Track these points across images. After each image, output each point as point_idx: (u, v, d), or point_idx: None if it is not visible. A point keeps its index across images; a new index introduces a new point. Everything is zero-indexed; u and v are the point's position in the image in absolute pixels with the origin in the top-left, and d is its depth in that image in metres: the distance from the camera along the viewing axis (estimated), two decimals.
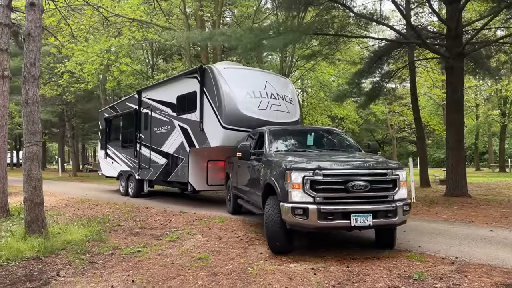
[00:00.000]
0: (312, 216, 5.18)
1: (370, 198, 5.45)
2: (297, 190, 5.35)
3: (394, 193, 5.56)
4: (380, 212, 5.39)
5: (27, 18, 6.59)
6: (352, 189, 5.30)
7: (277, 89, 10.54)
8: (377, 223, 5.37)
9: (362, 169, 5.52)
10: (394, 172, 5.62)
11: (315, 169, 5.35)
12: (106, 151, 16.90)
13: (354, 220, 5.23)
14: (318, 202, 5.27)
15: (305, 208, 5.22)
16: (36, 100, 6.61)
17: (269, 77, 11.12)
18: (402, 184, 5.67)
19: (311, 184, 5.31)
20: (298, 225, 5.36)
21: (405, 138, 49.82)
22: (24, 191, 6.61)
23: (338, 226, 5.38)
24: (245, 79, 10.38)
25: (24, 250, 5.91)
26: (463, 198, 12.14)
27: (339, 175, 5.39)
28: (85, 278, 4.89)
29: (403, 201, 5.57)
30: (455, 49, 12.02)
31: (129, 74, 24.45)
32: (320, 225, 5.21)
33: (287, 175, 5.44)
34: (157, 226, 8.40)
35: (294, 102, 11.04)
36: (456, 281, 4.64)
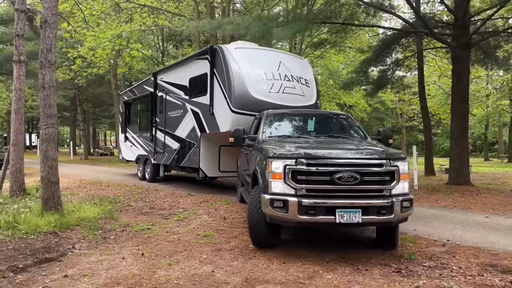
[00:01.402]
0: (292, 210, 4.64)
1: (361, 191, 4.80)
2: (277, 181, 4.81)
3: (391, 187, 4.84)
4: (372, 208, 4.73)
5: (44, 5, 6.89)
6: (338, 181, 4.66)
7: (292, 70, 9.89)
8: (367, 221, 4.74)
9: (352, 159, 4.87)
10: (393, 163, 4.89)
11: (298, 158, 4.79)
12: (126, 134, 16.87)
13: (339, 216, 4.62)
14: (300, 194, 4.71)
15: (284, 200, 4.68)
16: (52, 84, 6.96)
17: (284, 57, 10.42)
18: (402, 177, 4.93)
19: (293, 174, 4.75)
20: (278, 219, 4.83)
21: (414, 127, 49.74)
22: (41, 170, 7.01)
23: (321, 222, 4.76)
24: (257, 60, 9.79)
25: (41, 225, 6.32)
26: (465, 186, 12.35)
27: (324, 165, 4.75)
28: (99, 251, 5.28)
29: (403, 197, 4.85)
30: (462, 39, 12.10)
31: (139, 60, 24.75)
32: (300, 220, 4.66)
33: (268, 163, 4.93)
34: (165, 206, 8.80)
35: (310, 85, 10.30)
36: (444, 261, 4.94)
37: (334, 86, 27.62)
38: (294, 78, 9.80)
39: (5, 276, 4.27)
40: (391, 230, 5.29)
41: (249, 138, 6.83)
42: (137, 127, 15.56)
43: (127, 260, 4.84)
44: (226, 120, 9.38)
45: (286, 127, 7.07)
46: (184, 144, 11.53)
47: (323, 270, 4.51)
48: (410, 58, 17.78)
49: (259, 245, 5.36)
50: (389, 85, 18.83)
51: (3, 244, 5.47)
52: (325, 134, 6.76)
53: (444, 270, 4.61)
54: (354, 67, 25.30)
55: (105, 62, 22.35)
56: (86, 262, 4.78)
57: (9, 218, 6.42)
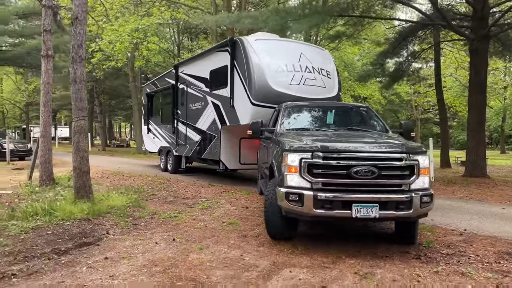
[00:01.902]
0: (308, 204, 4.60)
1: (378, 186, 4.69)
2: (293, 174, 4.78)
3: (411, 182, 4.71)
4: (390, 203, 4.62)
5: (75, 3, 7.20)
6: (355, 175, 4.59)
7: (313, 62, 9.78)
8: (384, 216, 4.65)
9: (369, 152, 4.75)
10: (412, 157, 4.75)
11: (314, 151, 4.74)
12: (148, 126, 17.03)
13: (356, 210, 4.56)
14: (316, 188, 4.67)
15: (300, 194, 4.65)
16: (83, 78, 7.28)
17: (305, 48, 10.31)
18: (422, 172, 4.79)
19: (309, 167, 4.71)
20: (293, 212, 4.80)
21: (429, 119, 49.28)
22: (73, 160, 7.37)
23: (337, 216, 4.69)
24: (277, 52, 9.72)
25: (75, 212, 6.69)
26: (481, 178, 12.42)
27: (341, 159, 4.67)
28: (132, 236, 5.61)
29: (422, 192, 4.71)
30: (480, 31, 12.08)
31: (156, 53, 25.07)
32: (316, 214, 4.61)
33: (284, 156, 4.91)
34: (188, 196, 9.13)
35: (332, 76, 10.19)
36: (461, 249, 5.14)
37: (349, 78, 27.60)
38: (315, 70, 9.70)
39: (50, 258, 4.62)
40: (410, 224, 5.15)
41: (267, 131, 6.83)
42: (160, 119, 15.70)
43: (160, 245, 5.16)
44: (246, 113, 9.39)
45: (305, 120, 7.00)
46: (205, 136, 11.61)
47: (346, 256, 4.76)
48: (427, 50, 17.73)
49: (275, 238, 5.38)
50: (405, 77, 18.83)
51: (42, 230, 5.84)
52: (344, 126, 6.61)
53: (462, 257, 4.81)
54: (369, 58, 25.27)
55: (123, 55, 22.74)
56: (122, 246, 5.11)
57: (45, 206, 6.79)
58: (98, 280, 3.91)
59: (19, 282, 3.88)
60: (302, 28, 12.22)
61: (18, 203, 7.62)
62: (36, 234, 5.62)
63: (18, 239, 5.32)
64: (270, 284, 3.88)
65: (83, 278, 3.97)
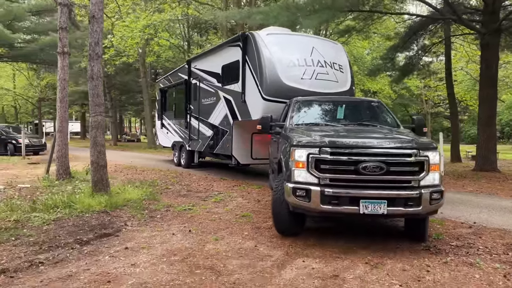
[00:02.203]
0: (315, 199, 4.60)
1: (387, 182, 4.63)
2: (300, 169, 4.77)
3: (420, 178, 4.65)
4: (398, 200, 4.58)
5: (91, 2, 7.38)
6: (363, 171, 4.55)
7: (325, 56, 9.73)
8: (393, 212, 4.61)
9: (378, 148, 4.69)
10: (422, 153, 4.68)
11: (322, 147, 4.71)
12: (162, 121, 17.09)
13: (363, 206, 4.53)
14: (323, 184, 4.66)
15: (307, 189, 4.65)
16: (100, 75, 7.49)
17: (317, 42, 10.22)
18: (433, 168, 4.72)
19: (316, 163, 4.70)
20: (301, 208, 4.81)
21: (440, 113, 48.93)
22: (90, 155, 7.61)
23: (344, 212, 4.68)
24: (289, 46, 9.68)
25: (93, 205, 6.92)
26: (492, 173, 12.46)
27: (348, 154, 4.64)
28: (149, 228, 5.82)
29: (432, 188, 4.65)
30: (491, 25, 12.06)
31: (167, 48, 25.27)
32: (323, 209, 4.61)
33: (292, 151, 4.90)
34: (201, 189, 9.33)
35: (344, 70, 10.12)
36: (470, 241, 5.26)
37: (359, 72, 27.56)
38: (328, 64, 9.66)
39: (73, 248, 4.84)
40: (420, 221, 5.09)
41: (276, 126, 6.78)
42: (173, 114, 15.80)
43: (177, 236, 5.36)
44: (258, 108, 9.37)
45: (315, 115, 6.95)
46: (217, 131, 11.68)
47: (357, 247, 4.91)
48: (437, 44, 17.68)
49: (283, 233, 5.38)
50: (415, 71, 18.79)
51: (63, 221, 6.08)
52: (355, 121, 6.49)
53: (471, 249, 4.94)
54: (379, 52, 25.23)
55: (134, 51, 22.99)
56: (141, 237, 5.32)
57: (65, 199, 7.04)
58: (120, 268, 4.11)
59: (46, 270, 4.10)
60: (313, 24, 12.29)
61: (38, 196, 7.88)
62: (57, 225, 5.85)
63: (41, 230, 5.55)
64: (284, 272, 4.05)
65: (107, 266, 4.18)
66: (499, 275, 4.03)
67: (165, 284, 3.69)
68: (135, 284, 3.69)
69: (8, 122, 54.24)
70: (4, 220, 5.97)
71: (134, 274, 3.95)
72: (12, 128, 22.73)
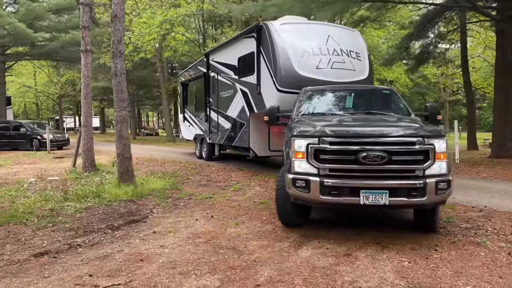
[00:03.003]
0: (314, 190, 4.51)
1: (389, 172, 4.49)
2: (300, 160, 4.69)
3: (425, 167, 4.47)
4: (401, 190, 4.44)
5: (114, 2, 7.77)
6: (363, 160, 4.42)
7: (341, 44, 9.52)
8: (395, 203, 4.45)
9: (379, 137, 4.54)
10: (427, 141, 4.51)
11: (321, 136, 4.61)
12: (184, 114, 17.16)
13: (364, 197, 4.41)
14: (323, 174, 4.56)
15: (306, 180, 4.57)
16: (123, 72, 7.90)
17: (333, 30, 9.99)
18: (439, 156, 4.53)
19: (316, 153, 4.60)
20: (301, 199, 4.74)
21: (458, 101, 48.27)
22: (116, 147, 8.06)
23: (344, 203, 4.58)
24: (303, 35, 9.48)
25: (120, 195, 7.36)
26: (508, 159, 12.49)
27: (348, 144, 4.52)
28: (174, 214, 6.23)
29: (438, 177, 4.47)
30: (506, 12, 12.01)
31: (183, 43, 25.67)
32: (322, 200, 4.52)
33: (292, 142, 4.83)
34: (220, 179, 9.72)
35: (362, 58, 9.85)
36: (480, 223, 5.49)
37: (374, 62, 27.42)
38: (344, 52, 9.46)
39: (106, 232, 5.27)
40: (429, 211, 4.90)
41: (283, 117, 6.64)
42: (194, 107, 15.88)
43: (200, 221, 5.75)
44: (273, 99, 9.17)
45: (323, 104, 6.74)
46: (235, 124, 11.69)
47: (370, 231, 5.19)
48: (452, 32, 17.59)
49: (287, 225, 5.37)
50: (431, 59, 18.73)
51: (94, 210, 6.52)
52: (364, 110, 6.29)
53: (479, 230, 5.17)
54: (394, 41, 25.10)
55: (151, 47, 23.45)
56: (167, 222, 5.72)
57: (94, 189, 7.51)
58: (151, 249, 4.51)
59: (84, 251, 4.52)
60: (327, 15, 12.39)
61: (68, 187, 8.39)
62: (89, 213, 6.30)
63: (74, 218, 6.00)
64: (301, 251, 4.38)
65: (138, 247, 4.59)
66: (503, 253, 4.28)
67: (192, 262, 4.06)
68: (165, 262, 4.08)
69: (30, 118, 55.80)
70: (40, 209, 6.45)
71: (163, 254, 4.34)
72: (36, 124, 23.56)
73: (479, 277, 3.67)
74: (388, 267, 3.92)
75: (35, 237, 5.06)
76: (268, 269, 3.87)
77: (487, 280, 3.60)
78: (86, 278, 3.69)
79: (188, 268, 3.91)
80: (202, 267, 3.92)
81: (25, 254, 4.39)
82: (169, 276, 3.72)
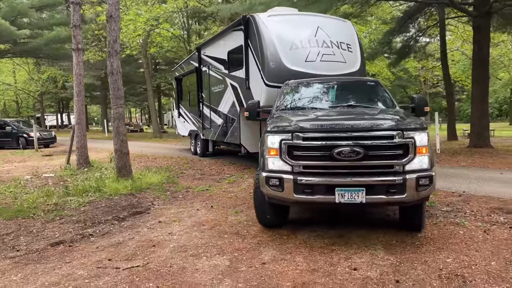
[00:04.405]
0: (288, 188, 4.28)
1: (366, 168, 4.25)
2: (273, 157, 4.45)
3: (405, 162, 4.20)
4: (378, 187, 4.19)
5: (109, 2, 8.00)
6: (338, 156, 4.16)
7: (331, 35, 9.17)
8: (373, 201, 4.21)
9: (354, 131, 4.28)
10: (407, 135, 4.24)
11: (294, 132, 4.37)
12: (179, 110, 16.93)
13: (339, 195, 4.17)
14: (297, 172, 4.33)
15: (280, 178, 4.33)
16: (119, 70, 8.15)
17: (323, 21, 9.60)
18: (420, 151, 4.26)
19: (289, 149, 4.37)
20: (275, 198, 4.50)
21: (438, 93, 49.50)
22: (114, 143, 8.32)
23: (319, 202, 4.37)
24: (292, 27, 9.16)
25: (120, 189, 7.65)
26: (485, 149, 13.18)
27: (322, 139, 4.28)
28: (174, 206, 6.56)
29: (420, 173, 4.20)
30: (482, 8, 12.63)
31: (168, 39, 25.73)
32: (297, 199, 4.30)
33: (265, 138, 4.58)
34: (214, 173, 10.07)
35: (353, 49, 9.51)
36: (459, 207, 6.00)
37: None
38: (334, 44, 9.13)
39: (113, 223, 5.59)
40: (414, 209, 4.65)
41: (264, 112, 6.36)
42: (188, 103, 15.60)
43: (201, 211, 6.11)
44: (261, 94, 8.88)
45: (304, 98, 6.40)
46: (227, 120, 11.45)
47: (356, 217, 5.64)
48: (432, 27, 18.22)
49: (265, 226, 5.14)
50: (412, 54, 19.37)
51: (97, 203, 6.81)
52: (346, 103, 5.98)
53: (459, 213, 5.67)
54: (376, 35, 25.68)
55: (137, 43, 23.48)
56: (169, 213, 6.06)
57: (93, 184, 7.78)
58: (160, 236, 4.86)
59: (97, 240, 4.84)
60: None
61: (67, 183, 8.62)
62: (92, 206, 6.59)
63: (79, 211, 6.29)
64: (298, 233, 4.80)
65: (148, 235, 4.93)
66: (480, 231, 4.77)
67: (201, 246, 4.43)
68: (176, 247, 4.43)
69: (10, 116, 54.82)
70: (44, 203, 6.71)
71: (173, 240, 4.70)
72: (22, 122, 23.41)
73: (458, 251, 4.14)
74: (379, 246, 4.36)
75: (46, 229, 5.34)
76: (271, 250, 4.27)
77: (465, 254, 4.07)
78: (106, 262, 4.02)
79: (198, 251, 4.28)
80: (211, 250, 4.30)
81: (41, 244, 4.69)
82: (182, 258, 4.08)
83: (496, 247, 4.21)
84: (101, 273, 3.76)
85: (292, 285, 3.41)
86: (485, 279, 3.47)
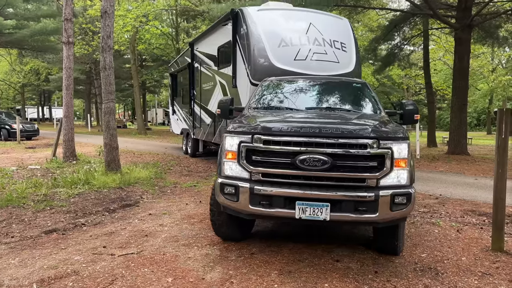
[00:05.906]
0: (243, 199, 3.75)
1: (332, 180, 3.68)
2: (230, 161, 3.90)
3: (379, 176, 3.62)
4: (346, 203, 3.62)
5: None
6: (301, 165, 3.63)
7: (324, 33, 8.51)
8: (338, 218, 3.62)
9: (321, 137, 3.68)
10: (384, 145, 3.65)
11: (254, 133, 3.82)
12: (173, 107, 16.46)
13: (300, 210, 3.63)
14: (254, 179, 3.78)
15: (236, 186, 3.78)
16: (111, 66, 8.27)
17: (316, 18, 8.90)
18: (398, 164, 3.66)
19: (248, 153, 3.82)
20: (229, 208, 3.95)
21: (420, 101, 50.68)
22: (104, 137, 8.43)
23: (276, 216, 3.78)
24: (282, 23, 8.60)
25: (109, 182, 7.77)
26: (462, 156, 13.72)
27: (284, 144, 3.72)
28: (163, 200, 6.74)
29: (396, 189, 3.61)
30: (464, 21, 13.17)
31: (157, 36, 25.74)
32: (253, 211, 3.76)
33: (223, 139, 4.04)
34: (200, 170, 10.25)
35: (348, 49, 8.80)
36: (435, 208, 6.36)
37: None
38: (326, 42, 8.47)
39: (104, 214, 5.73)
40: (391, 230, 4.04)
41: (237, 110, 5.75)
42: (181, 100, 15.06)
43: (190, 205, 6.30)
44: (247, 94, 8.31)
45: (281, 98, 5.77)
46: (215, 119, 10.72)
47: None
48: (416, 37, 18.80)
49: (224, 239, 4.53)
50: (396, 62, 19.92)
51: (86, 195, 6.93)
52: (326, 105, 5.43)
53: (435, 213, 6.03)
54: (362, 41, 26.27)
55: (125, 39, 23.43)
56: (159, 206, 6.24)
57: (82, 177, 7.88)
58: (152, 227, 5.04)
59: (89, 229, 4.99)
60: None
61: (55, 175, 8.68)
62: (82, 198, 6.70)
63: (69, 202, 6.40)
64: (283, 227, 5.05)
65: (139, 226, 5.10)
66: (453, 230, 5.11)
67: (192, 237, 4.64)
68: (168, 237, 4.63)
69: None
70: (33, 194, 6.80)
71: (164, 230, 4.89)
72: (4, 114, 23.07)
73: (432, 247, 4.46)
74: (360, 241, 4.64)
75: (37, 218, 5.46)
76: (259, 241, 4.51)
77: (439, 250, 4.38)
78: (101, 249, 4.19)
79: (189, 241, 4.48)
80: (201, 241, 4.51)
81: (35, 232, 4.81)
82: (174, 247, 4.28)
83: (467, 245, 4.55)
84: (97, 258, 3.93)
85: (279, 273, 3.65)
86: (455, 272, 3.78)
